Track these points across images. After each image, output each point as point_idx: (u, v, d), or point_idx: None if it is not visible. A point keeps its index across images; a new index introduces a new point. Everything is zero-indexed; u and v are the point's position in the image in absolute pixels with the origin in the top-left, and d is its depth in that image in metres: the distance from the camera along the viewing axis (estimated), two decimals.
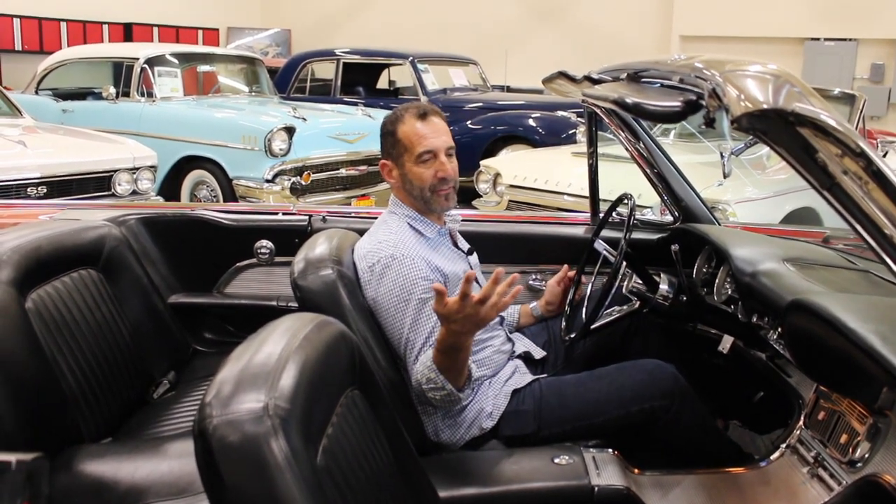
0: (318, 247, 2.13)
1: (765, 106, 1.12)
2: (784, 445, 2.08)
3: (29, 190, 5.11)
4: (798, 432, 2.05)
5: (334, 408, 1.33)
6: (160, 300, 2.59)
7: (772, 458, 2.09)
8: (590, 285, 2.64)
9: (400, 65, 9.13)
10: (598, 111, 2.69)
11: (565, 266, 2.63)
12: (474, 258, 2.40)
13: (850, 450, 1.79)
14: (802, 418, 2.06)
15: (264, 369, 1.19)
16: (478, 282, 2.34)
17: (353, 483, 1.29)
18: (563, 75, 2.24)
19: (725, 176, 2.23)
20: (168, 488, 1.81)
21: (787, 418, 2.16)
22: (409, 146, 2.17)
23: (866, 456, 1.74)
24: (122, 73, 7.46)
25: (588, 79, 2.02)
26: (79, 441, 1.98)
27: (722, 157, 2.15)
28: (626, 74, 1.80)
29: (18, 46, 12.11)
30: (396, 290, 2.07)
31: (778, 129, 1.13)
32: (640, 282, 2.48)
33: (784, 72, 1.19)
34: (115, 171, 5.59)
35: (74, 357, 2.09)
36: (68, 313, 2.13)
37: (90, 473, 1.85)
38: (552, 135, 7.78)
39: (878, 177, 1.08)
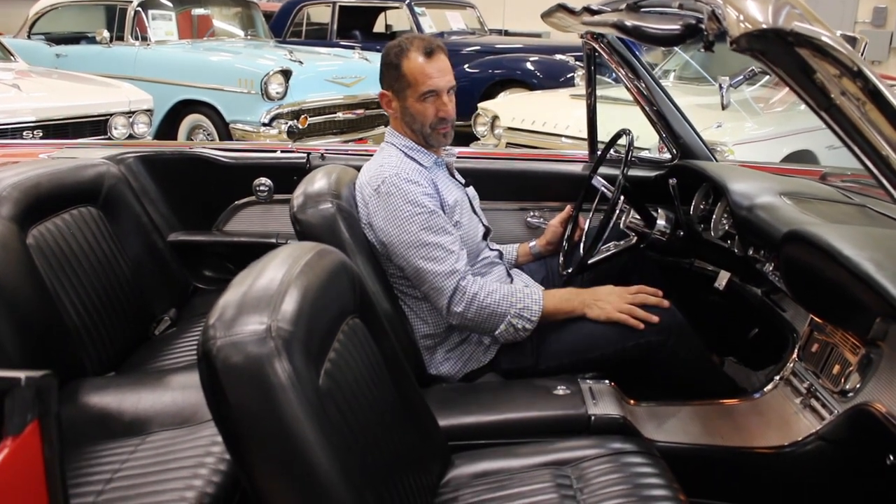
0: (318, 181, 2.14)
1: (764, 26, 1.11)
2: (777, 377, 2.10)
3: (24, 134, 5.07)
4: (792, 365, 2.07)
5: (336, 333, 1.35)
6: (160, 238, 2.60)
7: (765, 389, 2.11)
8: (587, 221, 2.65)
9: (396, 8, 8.99)
10: (598, 47, 2.66)
11: (568, 206, 2.62)
12: (472, 191, 2.40)
13: (842, 380, 1.81)
14: (796, 351, 2.08)
15: (266, 293, 1.21)
16: (475, 212, 2.36)
17: (354, 406, 1.31)
18: (562, 8, 2.22)
19: (724, 107, 2.22)
20: (171, 418, 1.84)
21: (782, 354, 2.19)
22: (412, 83, 2.16)
23: (857, 386, 1.76)
24: (115, 17, 7.37)
25: (587, 10, 2.00)
26: (82, 375, 2.00)
27: (721, 88, 2.14)
28: (625, 4, 1.78)
29: None
30: (408, 207, 2.08)
31: (777, 49, 1.13)
32: (638, 217, 2.47)
33: None
34: (111, 114, 5.56)
35: (76, 292, 2.10)
36: (69, 249, 2.14)
37: (95, 404, 1.88)
38: (550, 78, 7.71)
39: (876, 96, 1.08)
